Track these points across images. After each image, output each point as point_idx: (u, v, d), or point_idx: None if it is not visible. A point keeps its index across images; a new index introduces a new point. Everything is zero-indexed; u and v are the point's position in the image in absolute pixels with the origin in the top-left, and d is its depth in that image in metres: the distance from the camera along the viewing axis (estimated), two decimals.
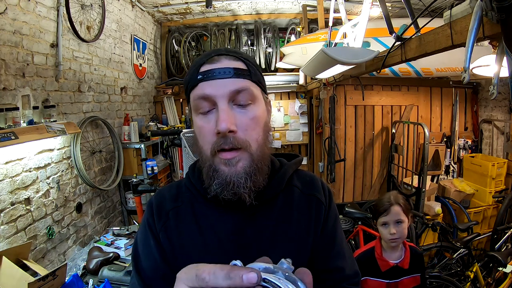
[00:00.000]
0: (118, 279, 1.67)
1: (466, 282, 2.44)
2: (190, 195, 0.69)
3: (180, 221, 0.67)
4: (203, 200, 0.67)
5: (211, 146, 0.60)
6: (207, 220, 0.66)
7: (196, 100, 0.61)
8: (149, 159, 2.98)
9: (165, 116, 3.95)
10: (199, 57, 0.66)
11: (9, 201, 1.66)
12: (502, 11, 0.97)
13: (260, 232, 0.66)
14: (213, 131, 0.59)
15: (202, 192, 0.67)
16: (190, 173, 0.73)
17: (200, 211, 0.67)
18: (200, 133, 0.62)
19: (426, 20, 1.63)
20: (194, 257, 0.63)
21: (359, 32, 2.23)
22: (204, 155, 0.62)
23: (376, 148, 3.94)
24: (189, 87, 0.63)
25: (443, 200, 3.49)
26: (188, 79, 0.64)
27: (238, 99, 0.60)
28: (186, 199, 0.69)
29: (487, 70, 1.77)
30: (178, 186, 0.73)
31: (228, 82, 0.59)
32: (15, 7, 1.75)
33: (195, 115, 0.63)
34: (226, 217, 0.65)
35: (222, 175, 0.60)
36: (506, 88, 3.15)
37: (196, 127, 0.63)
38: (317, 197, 0.72)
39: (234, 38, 4.23)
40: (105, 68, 2.79)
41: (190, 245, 0.65)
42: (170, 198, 0.70)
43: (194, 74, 0.61)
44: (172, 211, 0.68)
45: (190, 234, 0.66)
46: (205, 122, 0.61)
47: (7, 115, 1.63)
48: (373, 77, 3.62)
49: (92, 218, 2.48)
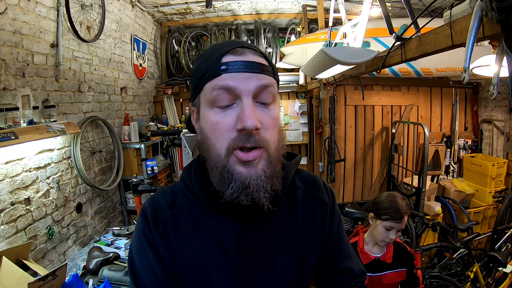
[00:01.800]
0: (118, 279, 1.67)
1: (466, 282, 2.44)
2: (188, 201, 0.64)
3: (180, 231, 0.62)
4: (202, 206, 0.63)
5: (227, 143, 0.55)
6: (209, 228, 0.62)
7: (215, 91, 0.55)
8: (149, 159, 2.98)
9: (165, 116, 3.95)
10: (217, 45, 0.59)
11: (9, 201, 1.66)
12: (502, 11, 0.97)
13: (265, 238, 0.62)
14: (231, 127, 0.54)
15: (201, 197, 0.63)
16: (185, 176, 0.67)
17: (200, 219, 0.62)
18: (215, 129, 0.55)
19: (426, 20, 1.63)
20: (197, 268, 0.61)
21: (359, 32, 2.23)
22: (215, 154, 0.56)
23: (376, 148, 3.94)
24: (207, 77, 0.56)
25: (443, 200, 3.49)
26: (205, 68, 0.57)
27: (261, 96, 0.56)
28: (183, 205, 0.64)
29: (487, 70, 1.77)
30: (173, 192, 0.67)
31: (255, 77, 0.55)
32: (15, 7, 1.75)
33: (208, 109, 0.56)
34: (229, 224, 0.61)
35: (240, 177, 0.55)
36: (506, 88, 3.15)
37: (209, 122, 0.56)
38: (321, 198, 0.70)
39: (234, 38, 4.23)
40: (105, 68, 2.79)
41: (192, 256, 0.61)
42: (166, 206, 0.64)
43: (215, 64, 0.55)
44: (170, 220, 0.63)
45: (191, 244, 0.61)
46: (222, 117, 0.55)
47: (7, 115, 1.63)
48: (373, 77, 3.62)
49: (92, 218, 2.48)
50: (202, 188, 0.63)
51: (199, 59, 0.61)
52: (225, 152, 0.55)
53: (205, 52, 0.61)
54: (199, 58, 0.61)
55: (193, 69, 0.60)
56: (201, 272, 0.60)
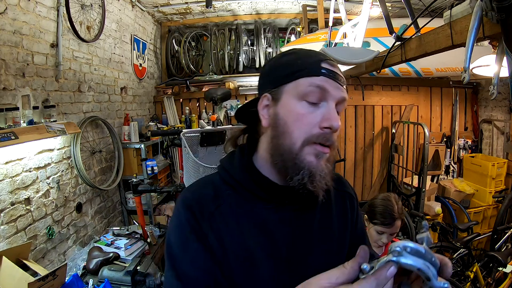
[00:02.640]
0: (118, 279, 1.67)
1: (466, 282, 2.45)
2: (232, 191, 0.66)
3: (228, 220, 0.63)
4: (249, 195, 0.65)
5: (306, 136, 0.60)
6: (256, 216, 0.64)
7: (311, 87, 0.60)
8: (149, 159, 2.98)
9: (165, 116, 3.95)
10: (309, 51, 0.66)
11: (9, 201, 1.66)
12: (502, 11, 0.97)
13: (307, 229, 0.67)
14: (315, 123, 0.60)
15: (248, 186, 0.65)
16: (227, 167, 0.68)
17: (247, 208, 0.64)
18: (299, 120, 0.60)
19: (426, 20, 1.63)
20: (246, 256, 0.62)
21: (359, 32, 2.23)
22: (290, 141, 0.60)
23: (376, 148, 3.95)
24: (306, 73, 0.61)
25: (443, 200, 3.49)
26: (303, 65, 0.62)
27: (338, 106, 0.63)
28: (227, 195, 0.65)
29: (487, 70, 1.77)
30: (212, 183, 0.68)
31: (341, 89, 0.62)
32: (15, 7, 1.75)
33: (296, 100, 0.61)
34: (276, 213, 0.65)
35: (310, 167, 0.60)
36: (506, 88, 3.15)
37: (294, 112, 0.61)
38: (349, 193, 0.77)
39: (234, 38, 4.23)
40: (105, 68, 2.79)
41: (241, 245, 0.62)
42: (209, 196, 0.65)
43: (315, 65, 0.61)
44: (217, 210, 0.63)
45: (240, 233, 0.63)
46: (309, 111, 0.60)
47: (7, 115, 1.62)
48: (373, 77, 3.62)
49: (92, 218, 2.48)
50: (251, 177, 0.65)
51: (290, 56, 0.66)
52: (302, 142, 0.60)
53: (298, 51, 0.67)
54: (290, 55, 0.66)
55: (283, 62, 0.65)
56: (250, 259, 0.62)
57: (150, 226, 2.45)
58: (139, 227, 2.20)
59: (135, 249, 2.05)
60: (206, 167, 1.75)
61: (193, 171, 1.78)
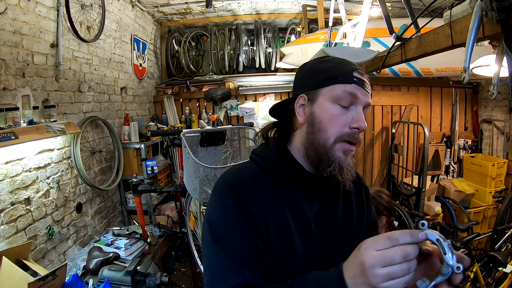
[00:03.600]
0: (118, 279, 1.67)
1: (466, 282, 2.44)
2: (269, 176, 0.73)
3: (270, 202, 0.70)
4: (286, 181, 0.73)
5: (338, 134, 0.69)
6: (294, 200, 0.72)
7: (344, 93, 0.69)
8: (149, 159, 2.98)
9: (165, 116, 3.95)
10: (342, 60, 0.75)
11: (9, 201, 1.66)
12: (502, 11, 0.97)
13: (333, 214, 0.77)
14: (346, 123, 0.69)
15: (286, 173, 0.73)
16: (264, 155, 0.76)
17: (285, 192, 0.72)
18: (334, 119, 0.69)
19: (426, 20, 1.63)
20: (287, 235, 0.70)
21: (359, 32, 2.23)
22: (325, 138, 0.70)
23: (376, 148, 3.95)
24: (341, 79, 0.70)
25: (443, 200, 3.49)
26: (338, 73, 0.71)
27: (364, 110, 0.72)
28: (265, 180, 0.73)
29: (487, 70, 1.77)
30: (249, 169, 0.76)
31: (367, 96, 0.72)
32: (15, 7, 1.75)
33: (331, 103, 0.70)
34: (311, 198, 0.74)
35: (340, 161, 0.70)
36: (506, 88, 3.15)
37: (329, 112, 0.70)
38: (365, 186, 0.87)
39: (234, 38, 4.23)
40: (105, 68, 2.79)
41: (283, 225, 0.70)
42: (250, 180, 0.72)
43: (348, 74, 0.71)
44: (259, 192, 0.70)
45: (281, 214, 0.70)
46: (341, 113, 0.70)
47: (7, 115, 1.62)
48: (373, 77, 3.61)
49: (92, 218, 2.48)
50: (289, 166, 0.74)
51: (327, 63, 0.74)
52: (334, 139, 0.69)
53: (333, 59, 0.76)
54: (327, 62, 0.75)
55: (321, 68, 0.74)
56: (289, 237, 0.70)
57: (150, 226, 2.44)
58: (139, 227, 2.20)
59: (135, 249, 2.05)
60: (206, 167, 1.75)
61: (193, 171, 1.78)
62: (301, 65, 0.81)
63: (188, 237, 2.44)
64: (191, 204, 2.39)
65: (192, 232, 2.47)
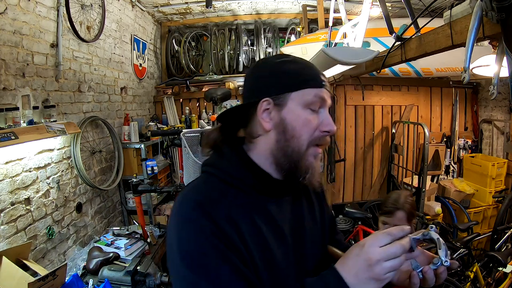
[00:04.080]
0: (118, 279, 1.67)
1: (466, 282, 2.45)
2: (237, 190, 0.68)
3: (244, 219, 0.65)
4: (253, 191, 0.69)
5: (311, 138, 0.68)
6: (265, 210, 0.69)
7: (315, 98, 0.68)
8: (149, 159, 2.98)
9: (165, 116, 3.95)
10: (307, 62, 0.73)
11: (9, 201, 1.66)
12: (502, 11, 0.97)
13: (301, 214, 0.77)
14: (316, 127, 0.68)
15: (253, 184, 0.69)
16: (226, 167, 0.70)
17: (255, 203, 0.68)
18: (305, 125, 0.68)
19: (426, 20, 1.63)
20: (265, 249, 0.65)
21: (359, 32, 2.23)
22: (298, 144, 0.68)
23: (376, 148, 3.95)
24: (312, 84, 0.69)
25: (443, 200, 3.49)
26: (310, 76, 0.69)
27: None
28: (234, 196, 0.67)
29: (487, 70, 1.77)
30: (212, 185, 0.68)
31: (330, 97, 0.73)
32: (15, 7, 1.75)
33: (301, 107, 0.68)
34: (279, 205, 0.72)
35: (313, 166, 0.69)
36: (506, 88, 3.15)
37: (302, 118, 0.68)
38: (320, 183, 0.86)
39: (234, 38, 4.23)
40: (105, 68, 2.79)
41: (261, 240, 0.65)
42: (218, 199, 0.65)
43: (318, 77, 0.70)
44: (232, 211, 0.64)
45: (258, 229, 0.66)
46: (312, 117, 0.68)
47: (7, 115, 1.62)
48: (373, 77, 3.62)
49: (92, 218, 2.48)
50: (254, 175, 0.70)
51: (292, 64, 0.71)
52: (307, 144, 0.68)
53: (298, 60, 0.73)
54: (292, 63, 0.71)
55: (287, 70, 0.70)
56: (269, 251, 0.66)
57: (150, 226, 2.45)
58: (139, 227, 2.20)
59: (135, 249, 2.05)
60: None
61: (193, 171, 1.78)
62: (258, 63, 0.75)
63: None
64: None
65: None
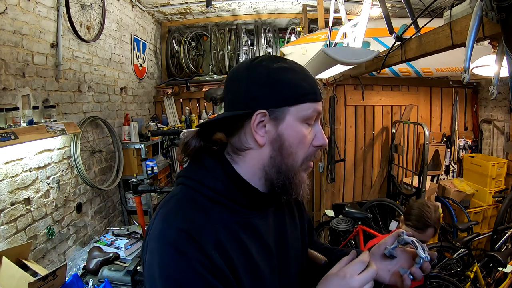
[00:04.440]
0: (118, 279, 1.67)
1: (466, 282, 2.45)
2: (220, 207, 0.62)
3: (232, 243, 0.60)
4: (237, 207, 0.64)
5: (305, 154, 0.65)
6: (251, 227, 0.65)
7: (313, 113, 0.64)
8: (149, 159, 2.98)
9: (165, 116, 3.95)
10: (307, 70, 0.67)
11: (9, 201, 1.66)
12: (502, 11, 0.97)
13: (283, 224, 0.74)
14: (310, 143, 0.66)
15: (238, 199, 0.64)
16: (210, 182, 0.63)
17: (241, 222, 0.64)
18: (303, 141, 0.64)
19: (426, 20, 1.63)
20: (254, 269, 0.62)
21: (359, 32, 2.23)
22: (293, 160, 0.64)
23: (376, 148, 3.94)
24: (311, 98, 0.64)
25: (443, 200, 3.49)
26: (308, 89, 0.64)
27: None
28: (220, 214, 0.62)
29: (487, 70, 1.77)
30: (193, 203, 0.62)
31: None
32: (15, 7, 1.75)
33: (299, 122, 0.63)
34: (262, 219, 0.68)
35: (305, 181, 0.67)
36: (506, 88, 3.15)
37: (300, 134, 0.63)
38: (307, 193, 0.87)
39: (234, 38, 4.23)
40: (105, 68, 2.79)
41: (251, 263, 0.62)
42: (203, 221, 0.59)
43: (315, 90, 0.65)
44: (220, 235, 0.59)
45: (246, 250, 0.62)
46: (308, 132, 0.65)
47: (7, 115, 1.62)
48: (373, 77, 3.61)
49: (92, 218, 2.48)
50: (241, 190, 0.65)
51: (289, 72, 0.64)
52: (302, 161, 0.65)
53: (295, 68, 0.66)
54: (290, 72, 0.64)
55: (285, 80, 0.63)
56: (256, 269, 0.63)
57: None
58: (139, 227, 2.20)
59: (135, 249, 2.05)
60: None
61: None
62: (253, 64, 0.65)
63: None
64: None
65: None
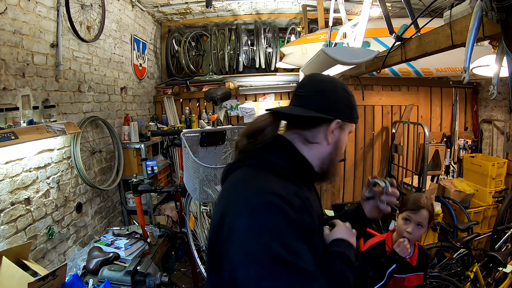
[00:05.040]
0: (118, 279, 1.67)
1: (466, 282, 2.44)
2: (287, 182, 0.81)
3: (308, 207, 0.80)
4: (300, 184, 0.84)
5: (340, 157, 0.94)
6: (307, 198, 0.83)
7: (352, 130, 0.92)
8: (149, 159, 2.98)
9: (165, 116, 3.95)
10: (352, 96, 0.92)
11: (9, 201, 1.66)
12: (502, 11, 0.97)
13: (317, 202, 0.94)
14: None
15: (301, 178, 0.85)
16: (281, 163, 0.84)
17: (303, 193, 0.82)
18: (344, 146, 0.92)
19: (426, 20, 1.63)
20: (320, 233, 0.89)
21: (359, 32, 2.23)
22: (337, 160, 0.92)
23: (376, 148, 3.95)
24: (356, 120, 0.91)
25: (443, 200, 3.49)
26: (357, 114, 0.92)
27: None
28: (293, 187, 0.81)
29: (487, 70, 1.77)
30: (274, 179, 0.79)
31: None
32: (15, 7, 1.75)
33: (347, 135, 0.91)
34: (311, 192, 0.90)
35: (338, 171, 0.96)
36: (506, 88, 3.15)
37: (345, 142, 0.91)
38: None
39: (234, 38, 4.23)
40: (105, 68, 2.79)
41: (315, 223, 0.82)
42: (291, 193, 0.77)
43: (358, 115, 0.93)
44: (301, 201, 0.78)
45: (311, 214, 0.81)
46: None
47: (7, 115, 1.62)
48: (373, 77, 3.62)
49: (92, 218, 2.48)
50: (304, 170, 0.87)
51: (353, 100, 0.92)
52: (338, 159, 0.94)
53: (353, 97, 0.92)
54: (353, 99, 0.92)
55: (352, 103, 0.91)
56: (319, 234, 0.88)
57: (150, 226, 2.44)
58: (139, 227, 2.20)
59: (135, 249, 2.05)
60: (206, 167, 1.75)
61: (193, 171, 1.78)
62: (337, 84, 0.90)
63: (188, 237, 2.44)
64: (191, 204, 2.39)
65: (192, 232, 2.47)
